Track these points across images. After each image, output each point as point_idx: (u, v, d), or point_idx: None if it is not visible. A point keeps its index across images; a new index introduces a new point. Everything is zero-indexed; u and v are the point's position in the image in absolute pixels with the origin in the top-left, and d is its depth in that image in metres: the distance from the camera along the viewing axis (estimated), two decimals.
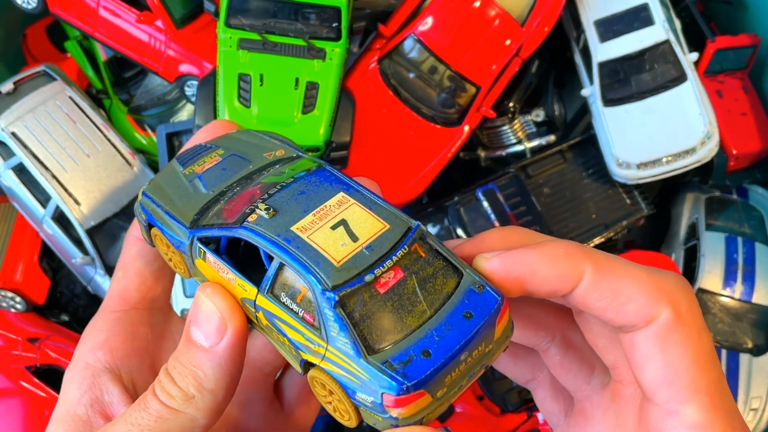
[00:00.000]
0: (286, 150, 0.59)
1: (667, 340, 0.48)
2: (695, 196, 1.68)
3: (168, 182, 0.57)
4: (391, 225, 0.49)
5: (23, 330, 1.52)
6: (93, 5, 1.49)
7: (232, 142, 0.60)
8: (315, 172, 0.54)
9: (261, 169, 0.56)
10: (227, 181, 0.56)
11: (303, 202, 0.50)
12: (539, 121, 1.64)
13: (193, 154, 0.59)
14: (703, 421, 0.47)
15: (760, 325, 1.51)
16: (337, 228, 0.48)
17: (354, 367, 0.45)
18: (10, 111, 1.49)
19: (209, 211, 0.54)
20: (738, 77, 1.64)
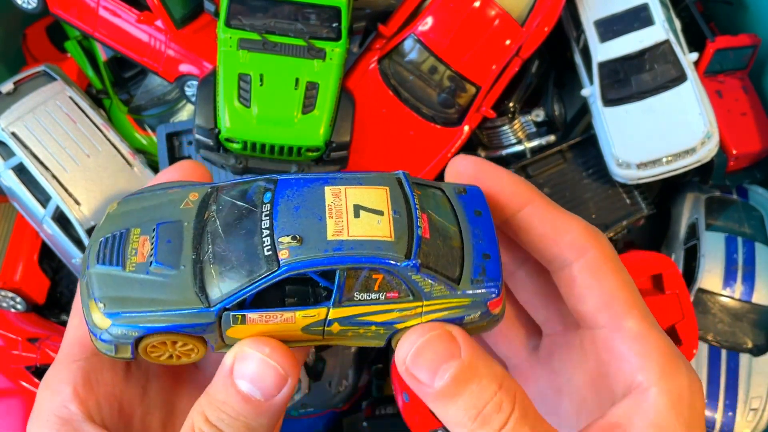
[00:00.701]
0: (196, 190, 0.56)
1: (599, 270, 0.56)
2: (695, 196, 1.68)
3: (122, 290, 0.52)
4: (388, 186, 0.54)
5: (23, 330, 1.52)
6: (93, 5, 1.49)
7: (135, 217, 0.55)
8: (280, 187, 0.53)
9: (201, 218, 0.54)
10: (186, 248, 0.53)
11: (307, 214, 0.51)
12: (539, 121, 1.64)
13: (112, 251, 0.54)
14: (642, 330, 0.55)
15: (760, 325, 1.51)
16: (359, 213, 0.52)
17: (455, 301, 0.52)
18: (10, 111, 1.49)
19: (207, 280, 0.51)
20: (738, 77, 1.64)
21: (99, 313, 0.52)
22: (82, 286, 0.55)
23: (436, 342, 0.50)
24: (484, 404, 0.49)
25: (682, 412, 0.52)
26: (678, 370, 0.54)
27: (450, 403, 0.49)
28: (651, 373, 0.53)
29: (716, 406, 1.45)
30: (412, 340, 0.51)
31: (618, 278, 0.56)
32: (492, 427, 0.49)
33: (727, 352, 1.49)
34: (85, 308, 0.54)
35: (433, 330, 0.51)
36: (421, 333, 0.51)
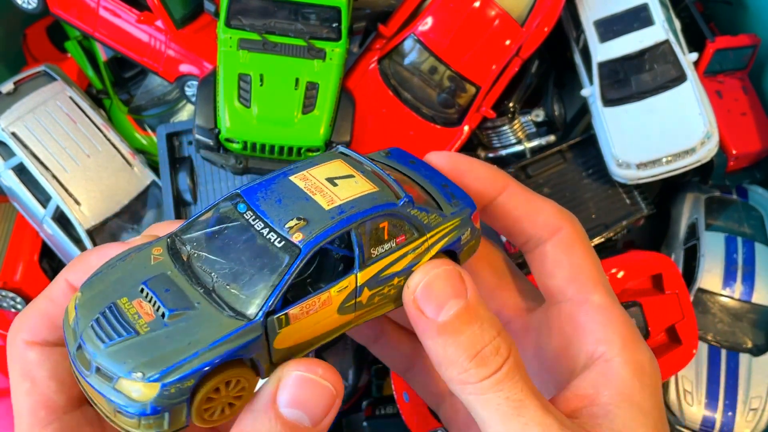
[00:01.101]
0: (155, 245, 0.55)
1: (570, 247, 0.60)
2: (695, 196, 1.68)
3: (152, 351, 0.48)
4: (338, 158, 0.58)
5: None
6: (93, 5, 1.49)
7: (111, 292, 0.52)
8: (247, 195, 0.54)
9: (181, 262, 0.53)
10: (187, 289, 0.51)
11: (292, 201, 0.53)
12: (539, 121, 1.64)
13: (113, 325, 0.49)
14: (606, 304, 0.58)
15: (760, 325, 1.51)
16: (335, 182, 0.54)
17: (449, 224, 0.57)
18: (11, 111, 1.49)
19: (233, 302, 0.50)
20: (738, 77, 1.64)
21: (139, 384, 0.47)
22: (93, 382, 0.49)
23: (446, 278, 0.52)
24: (483, 346, 0.50)
25: (645, 382, 0.54)
26: (639, 343, 0.56)
27: (450, 341, 0.50)
28: (614, 345, 0.55)
29: (716, 406, 1.45)
30: (425, 271, 0.52)
31: (587, 255, 0.60)
32: (489, 368, 0.50)
33: (727, 352, 1.49)
34: (110, 397, 0.48)
35: (446, 266, 0.53)
36: (433, 267, 0.53)
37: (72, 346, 0.50)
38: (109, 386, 0.48)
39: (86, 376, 0.49)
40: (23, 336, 0.56)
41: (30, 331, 0.56)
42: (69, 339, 0.51)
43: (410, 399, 1.43)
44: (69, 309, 0.52)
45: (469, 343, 0.50)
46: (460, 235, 0.57)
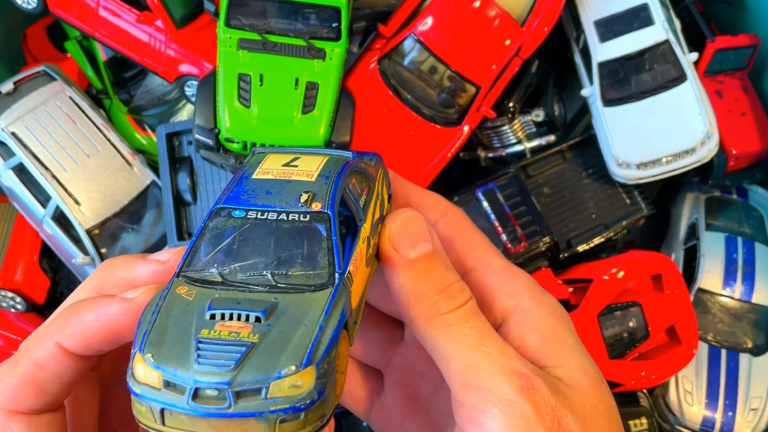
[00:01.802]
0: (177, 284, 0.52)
1: (460, 225, 0.66)
2: (695, 196, 1.68)
3: (281, 346, 0.46)
4: (269, 152, 0.62)
5: (23, 330, 1.52)
6: (93, 5, 1.49)
7: (181, 327, 0.48)
8: (230, 203, 0.55)
9: (213, 285, 0.51)
10: (254, 294, 0.49)
11: (277, 188, 0.55)
12: (539, 121, 1.64)
13: (223, 350, 0.46)
14: (506, 265, 0.63)
15: (760, 325, 1.51)
16: (294, 164, 0.58)
17: (379, 171, 0.64)
18: (10, 111, 1.49)
19: (300, 285, 0.50)
20: (738, 77, 1.64)
21: (295, 376, 0.45)
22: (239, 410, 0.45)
23: (418, 221, 0.57)
24: (450, 284, 0.55)
25: (563, 321, 0.59)
26: (544, 293, 0.60)
27: (420, 276, 0.54)
28: (524, 296, 0.59)
29: (716, 406, 1.45)
30: (399, 214, 0.57)
31: (476, 232, 0.65)
32: (456, 301, 0.54)
33: (727, 352, 1.49)
34: (267, 409, 0.45)
35: (416, 212, 0.58)
36: (406, 211, 0.58)
37: (181, 401, 0.45)
38: (261, 399, 0.45)
39: (225, 412, 0.45)
40: (4, 405, 0.52)
41: (12, 401, 0.52)
42: (168, 398, 0.46)
43: None
44: (144, 375, 0.46)
45: (437, 279, 0.55)
46: (388, 181, 0.64)
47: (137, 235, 1.58)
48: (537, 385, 0.51)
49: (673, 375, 1.45)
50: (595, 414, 0.54)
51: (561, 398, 0.52)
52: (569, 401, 0.53)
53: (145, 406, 0.46)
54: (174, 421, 0.46)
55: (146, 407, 0.46)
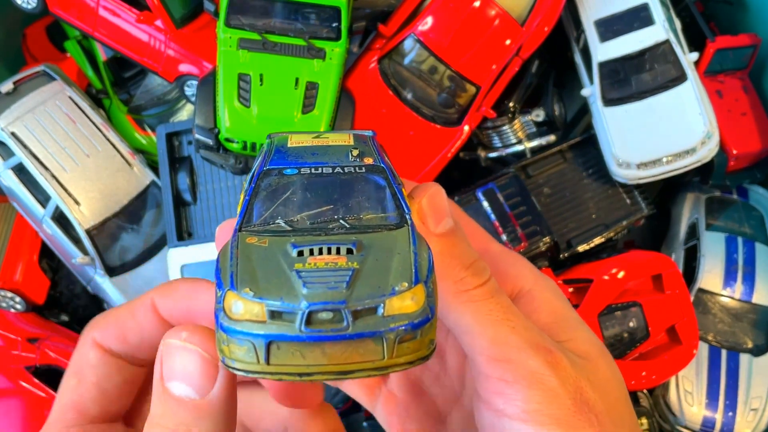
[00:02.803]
0: (244, 237, 0.49)
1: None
2: (695, 196, 1.68)
3: (384, 268, 0.45)
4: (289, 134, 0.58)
5: (23, 330, 1.52)
6: (93, 5, 1.48)
7: (272, 262, 0.46)
8: (280, 164, 0.53)
9: (293, 234, 0.49)
10: (332, 236, 0.47)
11: (320, 150, 0.53)
12: (539, 121, 1.63)
13: (328, 276, 0.44)
14: (503, 249, 0.62)
15: (760, 325, 1.51)
16: (322, 136, 0.56)
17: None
18: (10, 111, 1.48)
19: (374, 226, 0.48)
20: (738, 77, 1.64)
21: (409, 293, 0.43)
22: (357, 330, 0.43)
23: (443, 196, 0.55)
24: (474, 259, 0.54)
25: (564, 300, 0.60)
26: (544, 276, 0.61)
27: (447, 251, 0.53)
28: (527, 279, 0.59)
29: (716, 406, 1.45)
30: (427, 187, 0.55)
31: (469, 219, 0.63)
32: (481, 278, 0.53)
33: (728, 352, 1.49)
34: (386, 327, 0.43)
35: (441, 188, 0.56)
36: (431, 185, 0.55)
37: (293, 329, 0.42)
38: (380, 317, 0.42)
39: (343, 334, 0.42)
40: (95, 335, 0.55)
41: (102, 334, 0.55)
42: (277, 328, 0.42)
43: None
44: (243, 310, 0.43)
45: (463, 255, 0.54)
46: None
47: (137, 235, 1.58)
48: (560, 358, 0.53)
49: (673, 375, 1.45)
50: (608, 384, 0.56)
51: (579, 369, 0.54)
52: (586, 371, 0.55)
53: (247, 345, 0.42)
54: (282, 356, 0.42)
55: (248, 346, 0.42)
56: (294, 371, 0.42)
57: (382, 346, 0.43)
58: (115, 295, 1.54)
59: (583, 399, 0.53)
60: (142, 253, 1.58)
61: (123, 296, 1.55)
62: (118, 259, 1.55)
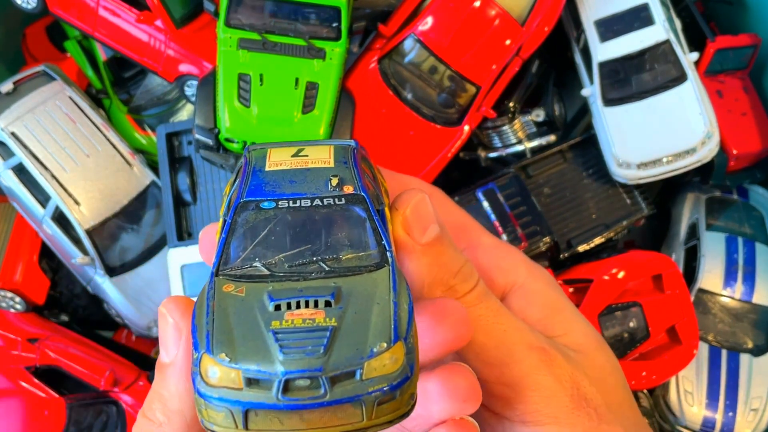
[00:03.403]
0: (221, 283, 0.48)
1: (444, 204, 0.64)
2: (695, 196, 1.68)
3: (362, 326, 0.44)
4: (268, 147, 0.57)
5: (23, 330, 1.52)
6: (93, 5, 1.48)
7: (247, 323, 0.44)
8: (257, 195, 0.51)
9: (271, 279, 0.47)
10: (311, 282, 0.46)
11: (299, 176, 0.52)
12: (539, 121, 1.63)
13: (306, 338, 0.43)
14: (497, 242, 0.64)
15: (761, 326, 1.51)
16: (301, 154, 0.54)
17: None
18: (10, 111, 1.48)
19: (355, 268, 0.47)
20: (738, 77, 1.64)
21: (387, 353, 0.42)
22: (336, 396, 0.41)
23: (427, 204, 0.54)
24: (461, 265, 0.54)
25: (558, 290, 0.60)
26: (537, 266, 0.61)
27: (433, 261, 0.52)
28: (520, 272, 0.60)
29: (717, 407, 1.45)
30: (410, 196, 0.54)
31: (462, 212, 0.64)
32: (469, 284, 0.53)
33: (728, 353, 1.49)
34: (365, 391, 0.42)
35: (424, 193, 0.55)
36: (415, 193, 0.54)
37: (270, 397, 0.41)
38: (357, 382, 0.42)
39: (321, 401, 0.41)
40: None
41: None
42: (254, 396, 0.42)
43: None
44: (220, 377, 0.42)
45: (450, 263, 0.53)
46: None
47: (137, 235, 1.58)
48: (554, 356, 0.53)
49: (673, 375, 1.45)
50: (605, 373, 0.56)
51: (574, 365, 0.54)
52: (581, 366, 0.55)
53: (224, 411, 0.42)
54: (260, 422, 0.42)
55: (225, 412, 0.42)
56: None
57: (361, 410, 0.42)
58: (115, 296, 1.54)
59: (581, 394, 0.53)
60: (142, 253, 1.58)
61: (123, 296, 1.55)
62: (118, 260, 1.55)
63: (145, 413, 0.48)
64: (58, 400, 1.43)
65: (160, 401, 0.47)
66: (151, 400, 0.48)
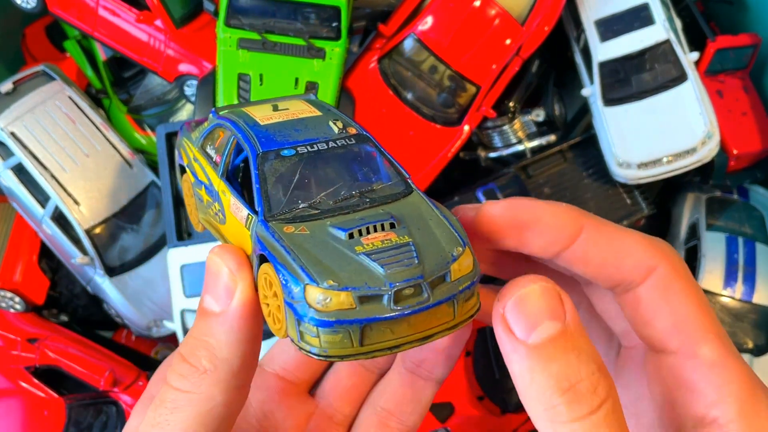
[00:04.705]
0: (280, 225, 0.50)
1: (669, 290, 0.49)
2: (696, 196, 1.68)
3: (434, 238, 0.48)
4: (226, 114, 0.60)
5: (22, 330, 1.52)
6: (92, 5, 1.48)
7: (334, 249, 0.47)
8: (270, 146, 0.53)
9: (323, 215, 0.50)
10: (361, 212, 0.49)
11: (297, 124, 0.55)
12: (539, 121, 1.63)
13: (393, 252, 0.46)
14: (719, 358, 0.48)
15: (761, 326, 1.51)
16: (278, 107, 0.57)
17: None
18: (10, 111, 1.48)
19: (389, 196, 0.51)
20: (738, 77, 1.64)
21: (465, 254, 0.47)
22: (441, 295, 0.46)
23: (543, 295, 0.45)
24: (579, 380, 0.42)
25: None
26: (760, 407, 0.47)
27: (539, 367, 0.43)
28: (729, 410, 0.47)
29: None
30: (520, 284, 0.45)
31: (692, 298, 0.50)
32: (582, 408, 0.42)
33: None
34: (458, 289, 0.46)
35: (543, 282, 0.45)
36: (528, 282, 0.45)
37: (384, 310, 0.45)
38: (449, 284, 0.46)
39: (426, 305, 0.45)
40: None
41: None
42: (369, 311, 0.45)
43: None
44: (332, 301, 0.44)
45: (562, 374, 0.42)
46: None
47: (136, 235, 1.58)
48: None
49: None
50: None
51: None
52: None
53: (342, 333, 0.45)
54: (374, 335, 0.45)
55: (343, 333, 0.45)
56: (385, 346, 0.45)
57: (453, 309, 0.46)
58: (115, 296, 1.54)
59: None
60: (141, 253, 1.58)
61: (122, 296, 1.55)
62: (118, 259, 1.55)
63: (187, 359, 0.47)
64: (57, 400, 1.43)
65: (206, 349, 0.47)
66: (194, 347, 0.47)
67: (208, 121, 0.59)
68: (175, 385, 0.47)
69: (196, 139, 0.60)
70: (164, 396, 0.47)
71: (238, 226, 0.52)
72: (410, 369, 0.61)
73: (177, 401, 0.46)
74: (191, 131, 0.62)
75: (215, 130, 0.57)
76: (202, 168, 0.58)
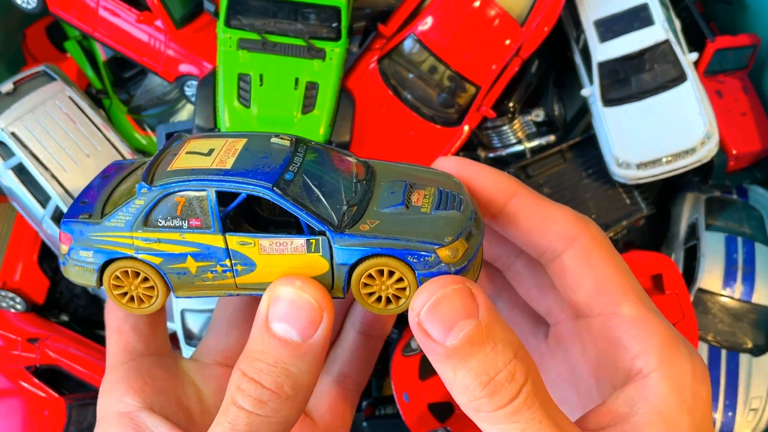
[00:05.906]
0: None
1: (590, 257, 0.55)
2: (695, 196, 1.68)
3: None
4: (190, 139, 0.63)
5: (23, 330, 1.52)
6: (93, 5, 1.49)
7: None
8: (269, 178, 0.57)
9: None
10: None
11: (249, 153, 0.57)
12: (539, 121, 1.63)
13: (446, 200, 0.58)
14: (638, 314, 0.53)
15: (760, 326, 1.51)
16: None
17: None
18: (10, 111, 1.48)
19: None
20: (738, 77, 1.64)
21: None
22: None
23: (455, 297, 0.47)
24: (497, 371, 0.45)
25: (685, 398, 0.50)
26: (679, 355, 0.52)
27: (460, 366, 0.46)
28: (651, 359, 0.51)
29: (716, 407, 1.45)
30: (430, 291, 0.47)
31: (611, 263, 0.55)
32: (502, 397, 0.45)
33: (727, 353, 1.49)
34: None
35: (454, 284, 0.48)
36: (441, 286, 0.48)
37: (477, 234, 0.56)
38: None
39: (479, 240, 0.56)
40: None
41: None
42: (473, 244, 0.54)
43: (410, 399, 1.43)
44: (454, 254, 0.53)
45: (480, 369, 0.45)
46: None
47: None
48: None
49: None
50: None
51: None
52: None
53: (471, 269, 0.55)
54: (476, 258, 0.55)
55: (472, 270, 0.55)
56: (477, 261, 0.56)
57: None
58: None
59: None
60: None
61: None
62: None
63: (267, 386, 0.49)
64: (58, 400, 1.43)
65: (288, 377, 0.49)
66: (273, 375, 0.49)
67: (141, 198, 0.53)
68: (252, 410, 0.49)
69: (127, 224, 0.54)
70: (236, 420, 0.49)
71: (290, 258, 0.53)
72: (363, 331, 0.68)
73: (253, 425, 0.49)
74: (90, 226, 0.56)
75: (165, 200, 0.53)
76: (171, 243, 0.54)
